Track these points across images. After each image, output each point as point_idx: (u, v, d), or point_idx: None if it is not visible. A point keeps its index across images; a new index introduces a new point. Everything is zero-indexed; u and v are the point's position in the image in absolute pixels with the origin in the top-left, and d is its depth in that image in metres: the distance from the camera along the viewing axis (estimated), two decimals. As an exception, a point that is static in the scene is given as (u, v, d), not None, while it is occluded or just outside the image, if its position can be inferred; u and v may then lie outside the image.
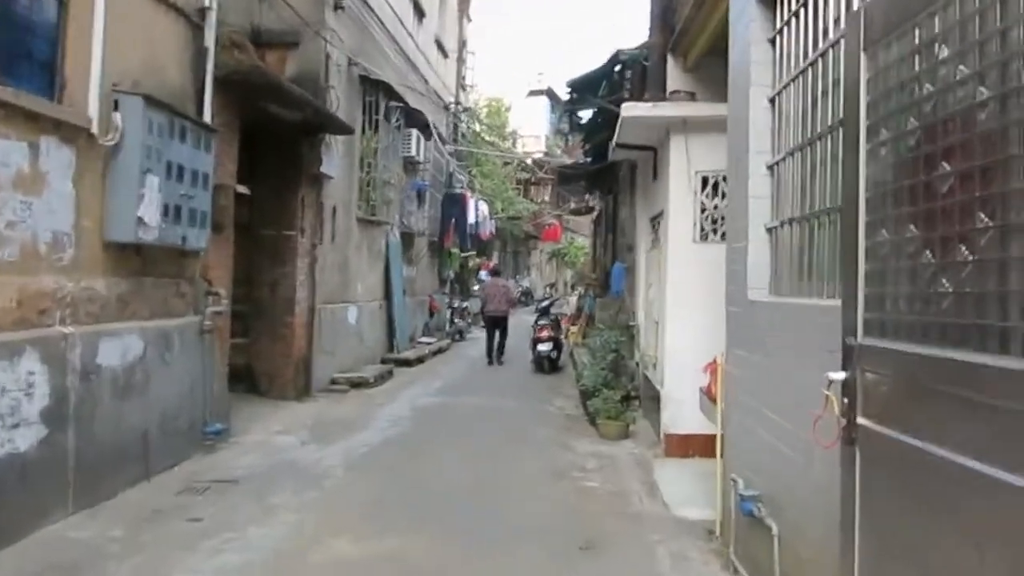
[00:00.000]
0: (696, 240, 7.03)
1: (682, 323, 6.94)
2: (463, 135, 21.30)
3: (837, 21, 3.24)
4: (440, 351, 15.48)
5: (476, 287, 25.09)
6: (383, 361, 12.90)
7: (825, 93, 3.37)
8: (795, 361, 3.25)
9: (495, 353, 13.93)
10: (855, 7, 2.99)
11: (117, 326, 5.54)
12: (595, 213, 25.11)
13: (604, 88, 10.12)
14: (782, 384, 3.44)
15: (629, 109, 6.93)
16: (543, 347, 12.63)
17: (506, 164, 28.39)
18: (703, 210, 7.06)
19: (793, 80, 3.76)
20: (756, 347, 3.97)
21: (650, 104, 7.02)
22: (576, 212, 28.80)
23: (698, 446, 6.48)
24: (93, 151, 5.28)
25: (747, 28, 4.25)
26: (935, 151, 1.93)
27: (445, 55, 18.83)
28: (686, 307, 6.92)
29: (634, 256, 10.67)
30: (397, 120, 12.78)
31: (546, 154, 34.12)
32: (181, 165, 5.97)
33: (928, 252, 1.96)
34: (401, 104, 12.84)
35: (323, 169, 9.42)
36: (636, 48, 9.43)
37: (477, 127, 26.35)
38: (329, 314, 10.43)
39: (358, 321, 11.72)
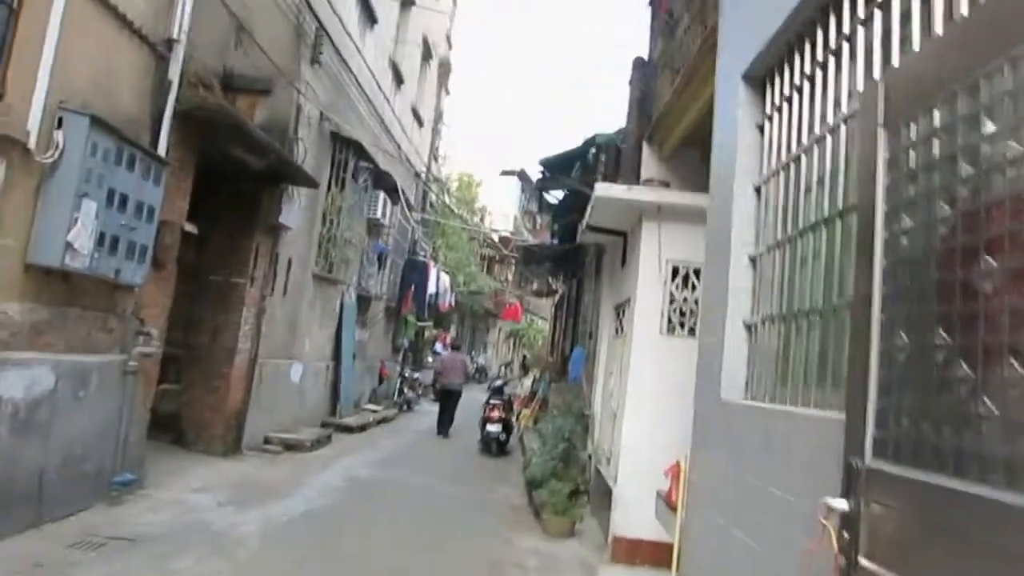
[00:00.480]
0: (663, 332, 6.75)
1: (642, 418, 6.58)
2: (432, 205, 21.16)
3: (838, 104, 3.05)
4: (385, 420, 14.82)
5: (430, 358, 24.53)
6: (323, 425, 12.23)
7: (819, 182, 3.14)
8: (779, 478, 2.87)
9: (447, 425, 13.88)
10: (859, 87, 2.79)
11: (26, 356, 5.01)
12: (557, 296, 24.98)
13: (577, 170, 10.03)
14: (760, 503, 3.05)
15: (604, 189, 6.74)
16: (492, 428, 12.11)
17: (472, 239, 28.28)
18: (672, 301, 6.81)
19: (783, 168, 3.54)
20: (728, 454, 3.60)
21: (625, 187, 6.85)
22: (538, 294, 28.67)
23: (648, 554, 6.02)
24: (28, 167, 4.86)
25: (734, 112, 4.06)
26: (976, 242, 1.64)
27: (420, 124, 18.85)
28: (647, 401, 6.58)
29: (595, 343, 10.37)
30: (365, 180, 12.52)
31: (513, 233, 34.22)
32: (125, 194, 5.56)
33: (963, 363, 1.64)
34: (370, 165, 12.62)
35: (281, 219, 9.03)
36: (612, 133, 9.38)
37: (447, 199, 26.34)
38: (271, 369, 9.85)
39: (302, 380, 11.12)
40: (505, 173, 44.41)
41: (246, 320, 8.89)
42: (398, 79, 15.71)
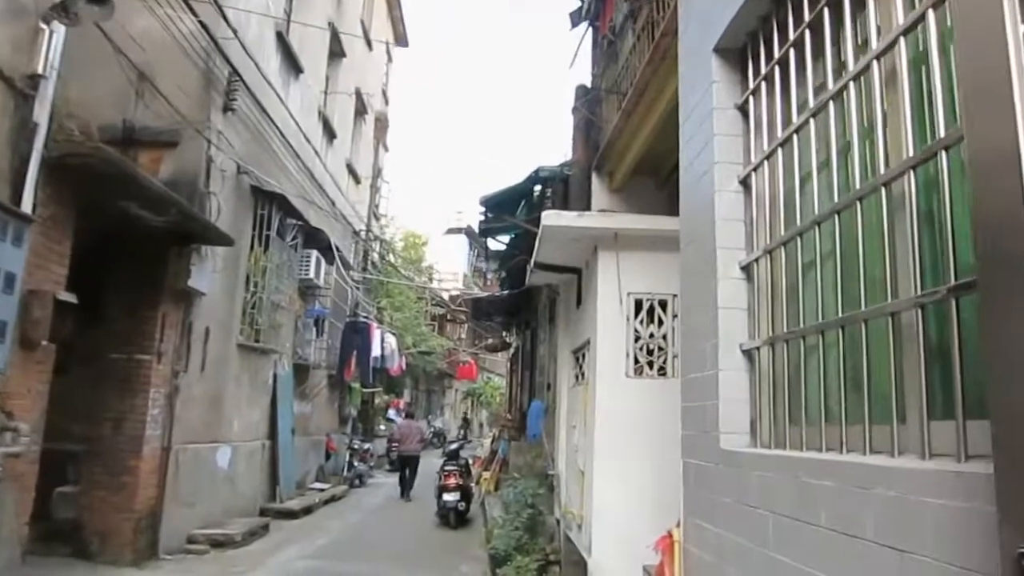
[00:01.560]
0: (629, 375, 5.91)
1: (614, 476, 5.68)
2: (374, 264, 20.21)
3: (842, 64, 2.30)
4: (333, 499, 13.52)
5: (383, 426, 23.21)
6: (263, 512, 10.95)
7: (825, 163, 2.37)
8: (844, 561, 1.98)
9: (407, 489, 14.24)
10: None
11: None
12: (511, 350, 24.08)
13: (523, 209, 9.28)
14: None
15: (552, 218, 5.95)
16: (449, 497, 10.98)
17: (420, 298, 27.32)
18: (637, 339, 5.99)
19: (778, 148, 2.77)
20: (741, 522, 2.72)
21: (575, 214, 6.08)
22: (491, 348, 27.76)
23: (638, 641, 5.03)
24: None
25: (706, 94, 3.31)
26: None
27: (357, 180, 18.03)
28: (619, 456, 5.69)
29: (554, 394, 9.48)
30: (294, 239, 11.57)
31: (462, 291, 33.37)
32: (-31, 258, 4.54)
33: None
34: (300, 222, 11.69)
35: (192, 283, 8.00)
36: (558, 165, 8.69)
37: (392, 259, 25.43)
38: (191, 456, 8.65)
39: (231, 465, 9.90)
40: (451, 231, 43.83)
41: (154, 403, 7.74)
42: (329, 133, 14.92)
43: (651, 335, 6.00)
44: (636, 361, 5.95)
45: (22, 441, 5.39)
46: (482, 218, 9.67)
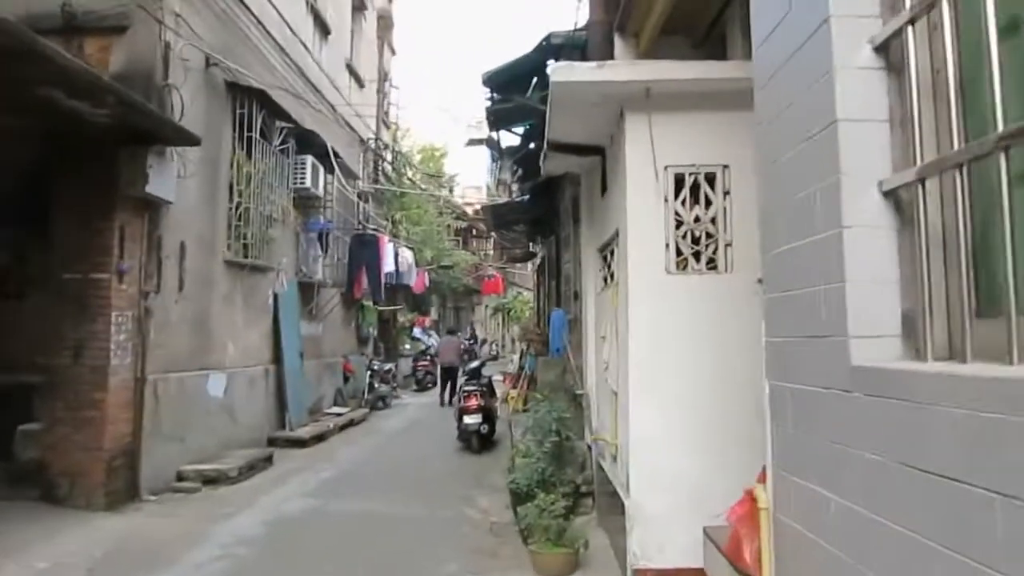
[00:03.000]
0: (670, 270, 4.66)
1: (654, 398, 4.52)
2: (385, 175, 18.91)
3: None
4: (351, 424, 12.72)
5: (407, 346, 22.41)
6: (270, 442, 10.15)
7: None
8: None
9: (449, 396, 15.47)
10: None
11: None
12: (537, 261, 22.90)
13: (535, 88, 7.85)
14: None
15: (563, 72, 4.57)
16: (470, 420, 10.02)
17: (441, 213, 26.01)
18: (679, 224, 4.71)
19: None
20: (885, 491, 1.52)
21: (593, 64, 4.69)
22: (515, 259, 26.59)
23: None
24: None
25: None
26: None
27: (361, 84, 16.55)
28: (659, 374, 4.52)
29: (581, 303, 8.31)
30: (283, 142, 10.29)
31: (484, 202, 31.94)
32: None
33: None
34: (290, 124, 10.38)
35: (151, 190, 6.83)
36: (573, 31, 7.23)
37: (409, 172, 24.09)
38: (174, 386, 7.71)
39: (228, 393, 8.98)
40: (472, 142, 42.04)
41: (119, 328, 6.73)
42: (322, 27, 13.41)
43: (696, 219, 4.71)
44: (679, 253, 4.70)
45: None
46: (488, 103, 8.26)
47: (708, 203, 4.76)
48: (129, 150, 6.77)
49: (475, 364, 11.64)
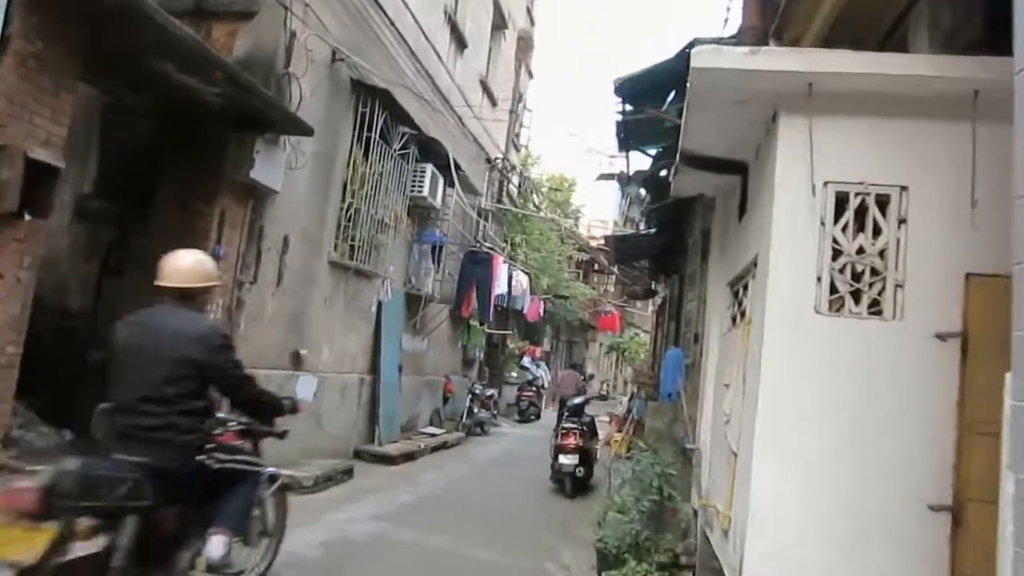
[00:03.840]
0: (821, 310, 3.74)
1: (786, 464, 3.60)
2: (510, 197, 18.50)
3: None
4: (444, 447, 12.18)
5: (514, 374, 21.78)
6: (357, 454, 9.75)
7: None
8: None
9: None
10: None
11: None
12: (658, 301, 21.80)
13: (673, 101, 7.07)
14: None
15: (706, 58, 3.77)
16: (566, 460, 9.19)
17: (563, 241, 25.38)
18: (836, 255, 3.79)
19: None
20: None
21: (746, 50, 3.87)
22: (634, 295, 25.52)
23: None
24: None
25: None
26: None
27: (494, 103, 16.29)
28: (796, 433, 3.60)
29: (702, 346, 7.36)
30: (404, 147, 9.98)
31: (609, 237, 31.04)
32: None
33: None
34: (413, 130, 10.07)
35: (255, 175, 6.56)
36: (722, 39, 6.41)
37: (536, 198, 23.73)
38: (260, 382, 7.36)
39: (317, 398, 8.63)
40: (603, 177, 41.54)
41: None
42: (459, 41, 13.22)
43: (860, 250, 3.78)
44: (833, 290, 3.77)
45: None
46: (619, 117, 7.52)
47: (876, 232, 3.82)
48: (239, 134, 6.54)
49: (578, 400, 10.79)
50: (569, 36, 71.82)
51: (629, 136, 8.19)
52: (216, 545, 3.33)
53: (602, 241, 30.69)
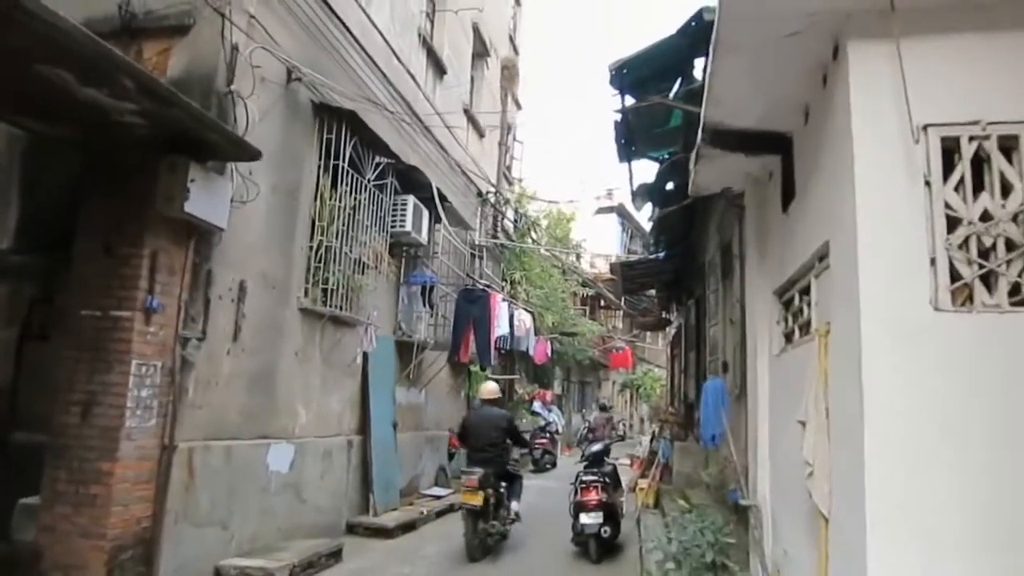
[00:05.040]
0: (941, 304, 2.60)
1: (916, 539, 2.41)
2: (506, 233, 17.46)
3: None
4: (451, 510, 10.82)
5: (525, 420, 20.43)
6: (349, 528, 8.46)
7: None
8: None
9: None
10: None
11: None
12: (671, 332, 20.59)
13: (680, 89, 6.00)
14: None
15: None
16: (588, 520, 7.84)
17: (564, 273, 24.25)
18: (953, 225, 2.67)
19: None
20: None
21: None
22: (645, 326, 24.34)
23: None
24: None
25: None
26: None
27: (481, 134, 15.36)
28: (927, 490, 2.43)
29: (738, 373, 6.16)
30: (380, 177, 8.92)
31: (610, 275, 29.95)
32: None
33: None
34: (389, 159, 9.03)
35: (191, 210, 5.43)
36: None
37: (535, 235, 22.70)
38: (218, 457, 6.18)
39: (295, 468, 7.40)
40: (602, 211, 40.80)
41: (141, 381, 5.28)
42: (436, 65, 12.29)
43: (984, 216, 2.66)
44: (954, 276, 2.64)
45: None
46: (617, 116, 6.41)
47: (1006, 189, 2.70)
48: (169, 161, 5.47)
49: (597, 448, 9.42)
50: (560, 68, 71.73)
51: (630, 141, 7.09)
52: (515, 506, 8.09)
53: (607, 272, 29.62)
